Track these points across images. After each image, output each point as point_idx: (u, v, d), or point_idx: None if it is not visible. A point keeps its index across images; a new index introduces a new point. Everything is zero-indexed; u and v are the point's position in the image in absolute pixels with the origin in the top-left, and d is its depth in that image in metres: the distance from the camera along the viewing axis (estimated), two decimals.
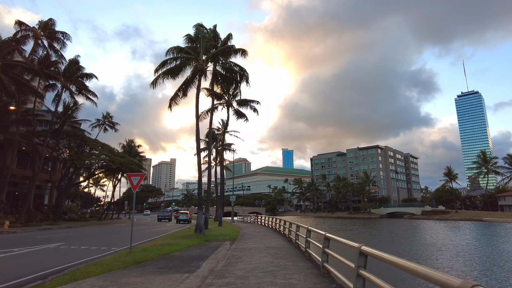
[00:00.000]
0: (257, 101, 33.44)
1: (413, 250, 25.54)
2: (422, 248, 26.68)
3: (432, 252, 24.01)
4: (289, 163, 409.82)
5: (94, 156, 39.13)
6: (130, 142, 58.90)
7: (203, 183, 21.58)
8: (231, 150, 44.25)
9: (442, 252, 23.98)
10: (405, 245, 28.35)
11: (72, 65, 35.81)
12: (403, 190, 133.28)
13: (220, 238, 18.08)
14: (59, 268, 9.29)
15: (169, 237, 19.19)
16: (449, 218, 70.77)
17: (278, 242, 14.98)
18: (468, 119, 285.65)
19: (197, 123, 20.93)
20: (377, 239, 34.74)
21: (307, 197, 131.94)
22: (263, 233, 20.88)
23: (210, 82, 26.73)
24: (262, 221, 32.06)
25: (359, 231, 46.27)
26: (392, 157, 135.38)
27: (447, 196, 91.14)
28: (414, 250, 25.53)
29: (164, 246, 14.49)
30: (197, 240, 17.17)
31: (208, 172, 25.96)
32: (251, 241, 16.02)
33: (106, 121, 46.58)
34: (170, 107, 23.46)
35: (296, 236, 12.74)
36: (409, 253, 23.63)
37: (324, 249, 7.07)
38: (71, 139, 41.78)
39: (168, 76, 21.08)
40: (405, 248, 26.62)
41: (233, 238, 17.86)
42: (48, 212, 39.79)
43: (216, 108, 34.29)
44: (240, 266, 8.79)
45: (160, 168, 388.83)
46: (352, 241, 5.24)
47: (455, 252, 23.94)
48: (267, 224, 27.86)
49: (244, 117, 34.93)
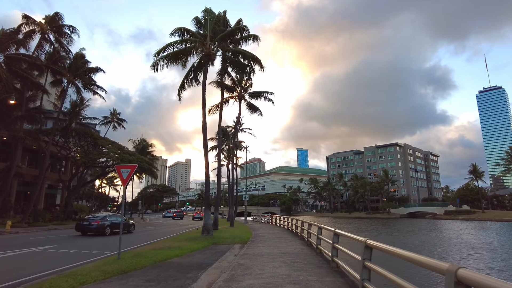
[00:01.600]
0: (271, 92, 31.35)
1: (457, 254, 22.80)
2: (468, 254, 23.44)
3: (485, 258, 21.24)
4: (304, 162, 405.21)
5: (102, 154, 37.82)
6: (143, 141, 57.72)
7: (211, 181, 19.79)
8: (244, 147, 42.28)
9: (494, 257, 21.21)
10: (444, 250, 25.51)
11: (78, 59, 34.55)
12: (423, 189, 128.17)
13: (229, 241, 16.08)
14: (23, 280, 7.46)
15: (174, 239, 17.32)
16: (476, 218, 66.57)
17: (296, 247, 12.84)
18: (490, 116, 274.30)
19: (203, 113, 18.99)
20: (410, 242, 31.97)
21: (323, 197, 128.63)
22: (277, 235, 18.76)
23: (219, 71, 24.82)
24: (277, 222, 29.91)
25: (387, 232, 43.39)
26: (411, 155, 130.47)
27: (472, 195, 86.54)
28: (457, 254, 22.79)
29: (163, 250, 12.58)
30: (203, 243, 15.22)
31: (217, 170, 24.01)
32: (264, 244, 13.93)
33: (114, 118, 45.35)
34: (179, 95, 21.72)
35: (318, 240, 10.57)
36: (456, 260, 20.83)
37: (365, 262, 4.90)
38: (81, 137, 40.71)
39: (171, 61, 19.25)
40: (447, 254, 23.60)
41: (244, 241, 15.83)
42: (58, 212, 38.87)
43: (227, 102, 32.41)
44: (247, 283, 6.70)
45: (175, 169, 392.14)
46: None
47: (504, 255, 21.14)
48: (283, 225, 25.71)
49: (257, 111, 32.87)
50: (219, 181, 23.99)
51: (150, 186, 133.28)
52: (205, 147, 19.08)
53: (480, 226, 50.00)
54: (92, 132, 41.64)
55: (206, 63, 19.92)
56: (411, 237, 34.82)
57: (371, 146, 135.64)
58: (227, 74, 30.14)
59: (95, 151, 37.98)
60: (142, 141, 56.91)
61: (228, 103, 32.45)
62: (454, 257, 21.19)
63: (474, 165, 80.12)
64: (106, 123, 47.08)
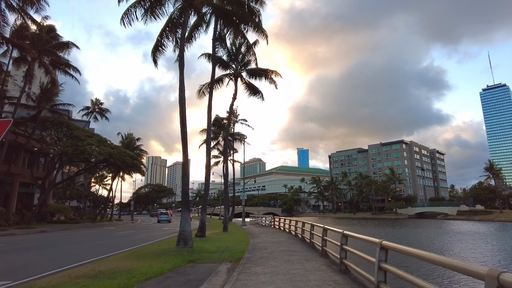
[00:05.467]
0: (276, 71, 26.02)
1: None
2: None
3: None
4: (305, 162, 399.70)
5: (77, 146, 32.44)
6: (130, 135, 52.37)
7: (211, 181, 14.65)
8: (241, 139, 36.96)
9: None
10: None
11: (44, 33, 29.06)
12: (429, 189, 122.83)
13: (214, 256, 10.78)
14: None
15: (133, 253, 11.94)
16: (495, 219, 61.13)
17: (322, 275, 7.52)
18: (495, 114, 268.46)
19: (180, 78, 13.62)
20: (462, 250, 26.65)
21: (326, 197, 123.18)
22: (285, 246, 13.46)
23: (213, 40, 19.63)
24: (281, 225, 24.54)
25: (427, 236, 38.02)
26: (417, 153, 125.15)
27: (486, 194, 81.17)
28: None
29: (96, 278, 7.29)
30: (173, 261, 9.94)
31: (206, 162, 18.77)
32: (267, 268, 8.61)
33: (96, 108, 39.98)
34: (155, 60, 16.50)
35: (380, 274, 5.26)
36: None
37: None
38: (57, 128, 35.43)
39: (148, 12, 14.08)
40: None
41: (237, 257, 10.54)
42: (30, 214, 33.55)
43: (221, 82, 27.08)
44: None
45: (175, 169, 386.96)
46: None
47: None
48: (289, 230, 20.39)
49: (258, 93, 27.48)
50: (208, 176, 18.70)
51: (146, 186, 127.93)
52: (182, 120, 13.73)
53: (507, 228, 44.67)
54: (68, 121, 36.33)
55: (186, 12, 14.60)
56: (455, 243, 29.40)
57: (376, 143, 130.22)
58: (221, 44, 24.91)
59: (68, 142, 32.63)
60: (129, 135, 51.53)
61: (222, 83, 27.11)
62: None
63: (491, 162, 74.59)
64: (87, 114, 41.74)
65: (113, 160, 34.01)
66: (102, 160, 34.32)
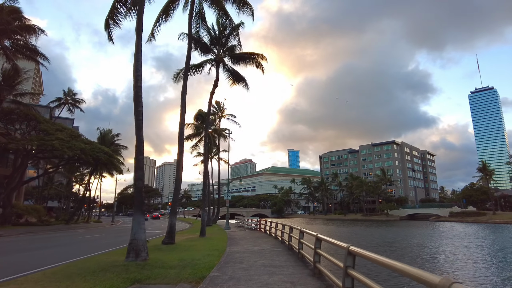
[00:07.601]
0: (262, 55, 23.41)
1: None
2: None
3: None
4: (295, 163, 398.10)
5: (43, 140, 29.15)
6: (109, 131, 48.85)
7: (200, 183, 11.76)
8: (225, 134, 34.11)
9: None
10: None
11: (6, 14, 25.87)
12: (420, 190, 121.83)
13: (170, 274, 7.99)
14: None
15: (67, 268, 9.02)
16: (488, 221, 59.51)
17: None
18: (483, 116, 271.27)
19: (137, 44, 10.82)
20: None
21: (316, 197, 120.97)
22: (267, 256, 10.75)
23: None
24: (267, 229, 21.82)
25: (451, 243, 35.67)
26: (408, 154, 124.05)
27: (478, 196, 79.97)
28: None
29: None
30: (112, 281, 7.14)
31: (178, 157, 16.00)
32: None
33: (69, 99, 36.66)
34: (109, 33, 13.66)
35: None
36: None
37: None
38: (20, 119, 32.08)
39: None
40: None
41: (200, 276, 7.78)
42: None
43: (201, 68, 24.30)
44: None
45: (163, 170, 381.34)
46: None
47: None
48: (275, 234, 17.70)
49: (242, 81, 24.83)
50: (179, 173, 15.87)
51: (131, 186, 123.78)
52: (137, 91, 10.91)
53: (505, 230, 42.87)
54: (36, 113, 32.99)
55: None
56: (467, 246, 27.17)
57: (367, 144, 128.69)
58: (202, 25, 22.16)
59: (34, 137, 29.33)
60: (108, 131, 48.07)
61: (203, 69, 24.31)
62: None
63: (484, 162, 73.17)
64: (59, 105, 38.35)
65: (84, 156, 30.84)
66: (72, 156, 31.08)
